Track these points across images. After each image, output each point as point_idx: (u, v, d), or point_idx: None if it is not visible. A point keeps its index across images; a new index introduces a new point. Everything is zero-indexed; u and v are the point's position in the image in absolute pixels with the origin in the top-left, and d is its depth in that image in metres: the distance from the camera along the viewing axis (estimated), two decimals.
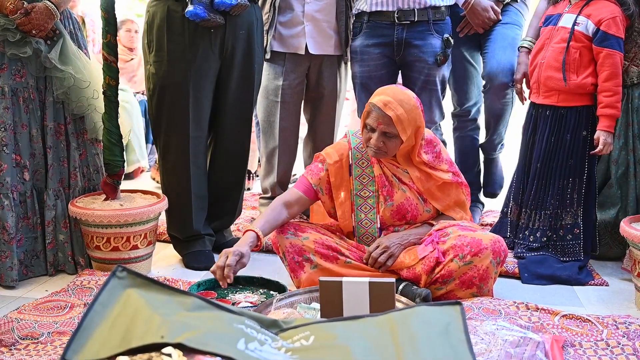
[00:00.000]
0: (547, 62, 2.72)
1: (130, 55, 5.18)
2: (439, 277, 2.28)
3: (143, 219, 2.57)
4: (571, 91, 2.69)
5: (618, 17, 2.59)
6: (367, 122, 2.33)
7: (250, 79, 2.76)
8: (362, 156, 2.45)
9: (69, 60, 2.57)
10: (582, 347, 1.95)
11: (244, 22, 2.67)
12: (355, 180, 2.43)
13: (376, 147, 2.32)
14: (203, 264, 2.74)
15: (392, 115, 2.27)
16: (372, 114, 2.31)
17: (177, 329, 1.10)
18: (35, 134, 2.58)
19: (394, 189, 2.41)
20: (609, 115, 2.62)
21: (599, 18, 2.61)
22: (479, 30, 3.08)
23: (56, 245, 2.64)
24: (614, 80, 2.60)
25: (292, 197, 2.43)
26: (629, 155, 2.70)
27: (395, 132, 2.29)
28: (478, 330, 1.91)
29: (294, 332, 1.26)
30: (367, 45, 3.04)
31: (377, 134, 2.31)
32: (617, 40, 2.59)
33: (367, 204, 2.42)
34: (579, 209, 2.74)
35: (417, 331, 1.21)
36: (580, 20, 2.65)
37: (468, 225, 2.41)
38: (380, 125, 2.29)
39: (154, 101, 2.70)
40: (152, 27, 2.63)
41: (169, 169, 2.77)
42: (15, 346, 1.97)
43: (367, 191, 2.42)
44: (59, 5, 2.51)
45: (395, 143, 2.33)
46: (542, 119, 2.80)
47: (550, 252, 2.75)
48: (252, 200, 3.84)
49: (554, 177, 2.76)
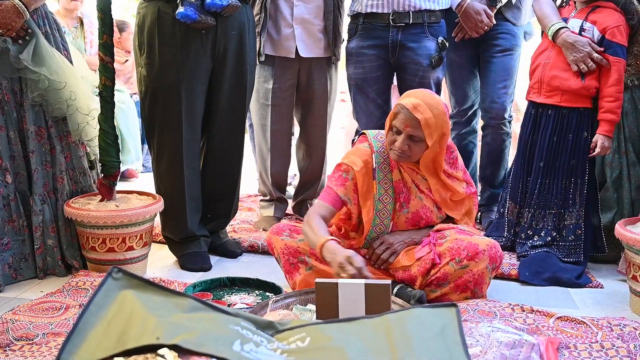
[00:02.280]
0: (553, 62, 2.73)
1: (127, 57, 5.17)
2: (434, 280, 2.29)
3: (139, 220, 2.57)
4: (576, 92, 2.70)
5: (622, 25, 2.64)
6: (394, 123, 2.28)
7: (242, 79, 2.76)
8: (384, 160, 2.39)
9: (42, 61, 2.49)
10: (576, 349, 1.95)
11: (236, 22, 2.66)
12: (379, 184, 2.37)
13: (400, 150, 2.26)
14: (199, 265, 2.74)
15: (420, 118, 2.21)
16: (399, 116, 2.26)
17: (173, 330, 1.10)
18: (14, 137, 2.52)
19: (411, 195, 2.38)
20: (609, 120, 2.64)
21: (604, 26, 2.65)
22: (473, 35, 3.08)
23: (45, 250, 2.59)
24: (617, 86, 2.63)
25: (325, 211, 2.33)
26: (622, 159, 2.74)
27: (421, 136, 2.24)
28: (473, 332, 1.91)
29: (290, 333, 1.26)
30: (362, 47, 3.05)
31: (403, 137, 2.25)
32: (621, 48, 2.63)
33: (386, 210, 2.37)
34: (581, 210, 2.76)
35: (412, 333, 1.21)
36: (587, 26, 2.68)
37: (466, 229, 2.41)
38: (408, 128, 2.24)
39: (146, 103, 2.69)
40: (143, 29, 2.61)
41: (163, 170, 2.76)
42: (10, 347, 1.96)
43: (388, 197, 2.37)
44: (28, 4, 2.42)
45: (420, 148, 2.28)
46: (545, 118, 2.80)
47: (553, 251, 2.76)
48: (248, 202, 3.84)
49: (557, 176, 2.78)
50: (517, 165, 2.93)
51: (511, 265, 2.70)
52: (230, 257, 2.90)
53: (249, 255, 2.96)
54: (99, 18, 2.57)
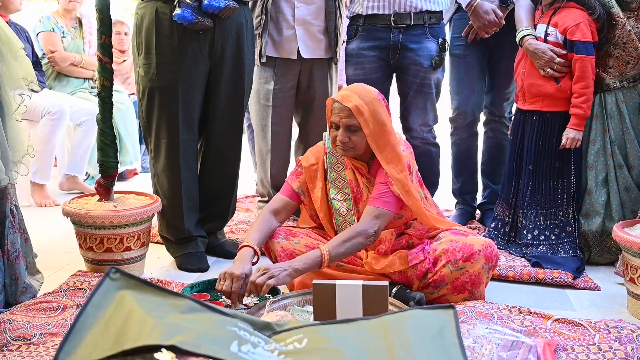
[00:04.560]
0: (528, 71, 2.82)
1: (122, 57, 5.17)
2: (431, 282, 2.29)
3: (137, 220, 2.57)
4: (554, 96, 2.76)
5: (582, 22, 2.66)
6: (331, 119, 2.33)
7: (240, 81, 2.76)
8: (337, 160, 2.45)
9: None
10: (574, 351, 1.95)
11: (234, 24, 2.66)
12: (331, 184, 2.43)
13: (342, 142, 2.30)
14: (196, 265, 2.74)
15: (351, 106, 2.25)
16: (334, 110, 2.31)
17: (171, 331, 1.10)
18: None
19: (362, 196, 2.40)
20: (576, 115, 2.71)
21: (564, 27, 2.70)
22: (482, 35, 3.08)
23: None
24: (581, 82, 2.69)
25: (279, 204, 2.43)
26: (608, 161, 2.77)
27: (357, 124, 2.26)
28: (471, 334, 1.91)
29: (287, 334, 1.26)
30: (362, 48, 3.05)
31: (341, 130, 2.29)
32: (583, 44, 2.66)
33: (344, 207, 2.41)
34: (569, 209, 2.80)
35: (410, 334, 1.21)
36: (550, 30, 2.74)
37: (461, 229, 2.42)
38: (343, 119, 2.27)
39: (144, 104, 2.69)
40: (141, 29, 2.62)
41: (160, 171, 2.76)
42: (7, 347, 1.96)
43: (343, 194, 2.41)
44: None
45: (360, 137, 2.28)
46: (530, 124, 2.87)
47: (547, 249, 2.79)
48: (246, 202, 3.84)
49: (545, 178, 2.84)
50: (509, 168, 3.00)
51: (508, 267, 2.70)
52: (227, 257, 2.90)
53: None
54: (97, 18, 2.57)
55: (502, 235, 3.00)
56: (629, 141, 2.75)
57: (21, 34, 4.05)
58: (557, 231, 2.81)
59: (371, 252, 2.39)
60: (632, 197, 2.74)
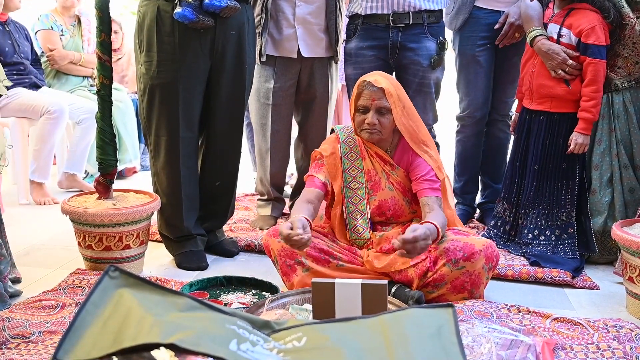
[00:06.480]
0: (538, 71, 2.78)
1: (116, 55, 5.15)
2: (431, 281, 2.29)
3: (136, 218, 2.57)
4: (563, 98, 2.74)
5: (597, 25, 2.63)
6: (360, 103, 2.37)
7: (241, 79, 2.76)
8: (351, 149, 2.48)
9: None
10: (573, 350, 1.96)
11: (235, 22, 2.66)
12: (345, 172, 2.45)
13: (370, 125, 2.35)
14: (195, 264, 2.74)
15: (384, 86, 2.33)
16: (364, 92, 2.36)
17: (170, 329, 1.10)
18: None
19: (380, 184, 2.43)
20: (584, 119, 2.69)
21: (579, 29, 2.67)
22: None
23: None
24: (592, 86, 2.66)
25: (311, 194, 2.40)
26: (613, 161, 2.75)
27: (388, 105, 2.34)
28: (470, 333, 1.91)
29: (286, 333, 1.26)
30: (361, 48, 3.05)
31: (371, 112, 2.35)
32: (597, 48, 2.63)
33: (357, 195, 2.43)
34: (572, 210, 2.79)
35: (409, 333, 1.21)
36: (563, 32, 2.71)
37: (462, 229, 2.43)
38: (375, 101, 2.34)
39: (144, 101, 2.69)
40: (143, 27, 2.62)
41: (160, 169, 2.76)
42: (5, 345, 1.96)
43: (357, 183, 2.44)
44: None
45: (389, 120, 2.37)
46: (537, 124, 2.84)
47: (548, 249, 2.79)
48: (245, 201, 3.84)
49: (550, 178, 2.82)
50: (512, 167, 2.97)
51: (507, 266, 2.70)
52: (226, 256, 2.90)
53: (245, 254, 2.96)
54: (97, 16, 2.57)
55: (502, 233, 3.00)
56: (635, 141, 2.74)
57: (20, 32, 4.05)
58: (558, 232, 2.80)
59: (372, 251, 2.40)
60: (636, 198, 2.73)
